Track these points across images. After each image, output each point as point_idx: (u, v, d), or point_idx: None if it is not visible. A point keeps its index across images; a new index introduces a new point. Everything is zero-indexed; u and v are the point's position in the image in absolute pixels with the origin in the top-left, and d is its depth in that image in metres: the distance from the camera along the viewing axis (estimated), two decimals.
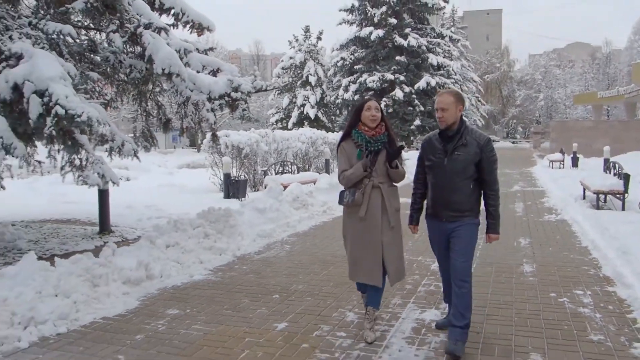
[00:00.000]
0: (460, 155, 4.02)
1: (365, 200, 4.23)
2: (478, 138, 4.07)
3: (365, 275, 4.25)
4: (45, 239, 8.59)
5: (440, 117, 4.06)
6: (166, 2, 8.78)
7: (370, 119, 4.23)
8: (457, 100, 4.06)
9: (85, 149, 6.39)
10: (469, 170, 4.03)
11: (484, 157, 4.04)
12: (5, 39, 6.26)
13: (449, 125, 4.07)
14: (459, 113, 4.07)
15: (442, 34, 38.12)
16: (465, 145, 4.03)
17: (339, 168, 4.37)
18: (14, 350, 4.14)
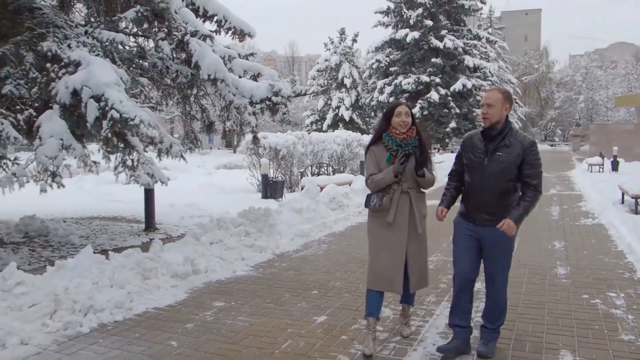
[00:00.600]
0: (502, 156, 3.83)
1: (393, 205, 4.14)
2: (522, 140, 3.87)
3: (386, 283, 4.15)
4: (95, 234, 9.07)
5: (485, 113, 3.87)
6: (210, 9, 9.15)
7: (400, 125, 4.14)
8: (505, 98, 3.87)
9: (136, 150, 6.79)
10: (510, 172, 3.83)
11: (526, 160, 3.81)
12: (64, 47, 6.69)
13: (493, 124, 3.88)
14: (504, 112, 3.87)
15: (478, 36, 37.88)
16: (508, 147, 3.84)
17: (367, 172, 4.27)
18: (77, 334, 4.51)
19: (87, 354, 4.12)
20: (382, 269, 4.15)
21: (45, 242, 8.42)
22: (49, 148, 5.98)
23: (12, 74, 6.43)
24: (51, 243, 8.38)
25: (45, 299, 4.86)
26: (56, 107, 6.30)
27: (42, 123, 6.21)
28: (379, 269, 4.17)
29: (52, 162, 5.97)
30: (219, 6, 9.26)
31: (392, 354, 4.09)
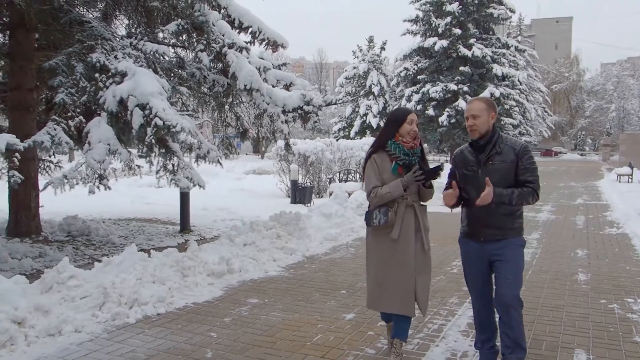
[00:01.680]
0: (496, 165, 3.66)
1: (398, 220, 3.86)
2: (514, 145, 3.70)
3: (397, 304, 3.88)
4: (133, 235, 9.53)
5: (472, 125, 3.71)
6: (245, 22, 9.60)
7: (410, 133, 3.91)
8: (489, 106, 3.74)
9: (177, 156, 7.22)
10: (506, 180, 3.64)
11: (521, 165, 3.64)
12: (111, 58, 7.16)
13: (482, 135, 3.71)
14: (491, 121, 3.72)
15: (507, 44, 37.83)
16: (500, 154, 3.67)
17: (369, 184, 3.94)
18: (124, 324, 4.90)
19: (134, 342, 4.50)
20: (389, 289, 3.89)
21: (88, 241, 8.91)
22: (98, 152, 6.43)
23: (64, 83, 6.93)
24: (93, 242, 8.87)
25: (95, 291, 5.28)
26: (104, 114, 6.76)
27: (91, 129, 6.67)
28: (386, 289, 3.90)
29: (100, 166, 6.42)
30: (254, 18, 9.69)
31: (415, 348, 4.39)
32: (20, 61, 9.00)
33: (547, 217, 12.16)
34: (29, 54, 9.06)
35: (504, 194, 3.59)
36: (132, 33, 9.00)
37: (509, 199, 3.61)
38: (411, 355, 4.25)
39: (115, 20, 9.99)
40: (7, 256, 7.35)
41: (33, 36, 9.18)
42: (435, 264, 7.24)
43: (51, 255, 7.75)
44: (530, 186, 3.64)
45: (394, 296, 3.88)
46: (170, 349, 4.34)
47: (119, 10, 9.61)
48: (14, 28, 9.05)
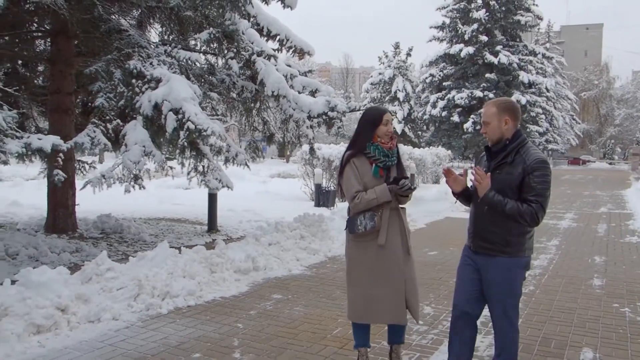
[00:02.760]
0: (500, 175, 3.32)
1: (384, 225, 3.69)
2: (527, 157, 3.29)
3: (389, 314, 3.71)
4: (163, 233, 9.95)
5: (484, 132, 3.48)
6: (273, 30, 9.97)
7: (386, 134, 3.78)
8: (501, 111, 3.38)
9: (207, 158, 7.59)
10: (509, 194, 3.28)
11: (526, 181, 3.26)
12: (147, 65, 7.56)
13: (494, 141, 3.43)
14: (505, 126, 3.37)
15: (534, 51, 37.73)
16: (510, 165, 3.32)
17: (350, 188, 3.74)
18: (157, 314, 5.27)
19: (167, 330, 4.86)
20: (379, 299, 3.69)
21: (120, 239, 9.35)
22: (134, 154, 6.83)
23: (103, 88, 7.35)
24: (125, 239, 9.30)
25: (130, 283, 5.66)
26: (139, 118, 7.16)
27: (128, 132, 7.07)
28: (375, 300, 3.70)
29: (136, 166, 6.81)
30: (282, 27, 10.07)
31: (429, 343, 4.66)
32: (61, 66, 9.46)
33: (569, 225, 12.26)
34: (69, 59, 9.53)
35: (495, 199, 3.25)
36: (166, 40, 9.43)
37: (500, 207, 3.24)
38: (425, 348, 4.53)
39: (149, 28, 10.46)
40: (47, 250, 7.81)
41: (72, 43, 9.66)
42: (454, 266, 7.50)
43: (87, 251, 8.18)
44: (531, 206, 3.22)
45: (385, 306, 3.67)
46: (200, 337, 4.69)
47: (152, 18, 10.07)
48: (55, 35, 9.53)
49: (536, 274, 7.26)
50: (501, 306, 3.39)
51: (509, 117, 3.39)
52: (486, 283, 3.42)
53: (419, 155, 19.91)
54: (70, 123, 9.60)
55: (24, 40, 10.57)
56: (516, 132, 3.41)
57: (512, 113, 3.41)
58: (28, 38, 10.64)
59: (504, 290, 3.38)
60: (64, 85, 9.51)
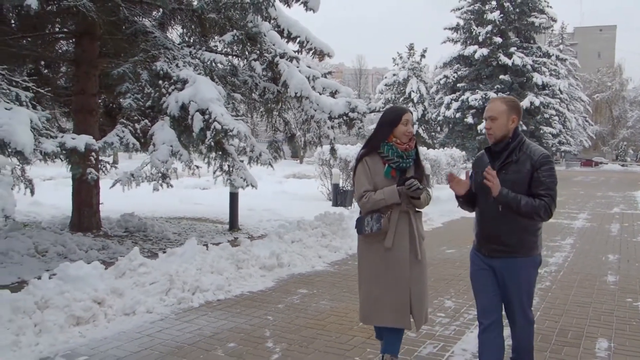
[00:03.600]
0: (508, 175, 3.27)
1: (391, 227, 3.60)
2: (532, 154, 3.28)
3: (391, 317, 3.62)
4: (186, 232, 10.14)
5: (489, 128, 3.37)
6: (293, 32, 10.14)
7: (405, 134, 3.67)
8: (510, 108, 3.34)
9: (232, 157, 7.77)
10: (518, 191, 3.24)
11: (536, 177, 3.24)
12: (173, 66, 7.76)
13: (497, 139, 3.36)
14: (511, 125, 3.33)
15: (548, 53, 37.64)
16: (516, 163, 3.29)
17: (360, 187, 3.68)
18: (189, 308, 5.44)
19: (200, 322, 5.03)
20: (383, 302, 3.63)
21: (145, 237, 9.55)
22: (162, 153, 7.02)
23: (131, 89, 7.55)
24: (149, 237, 9.50)
25: (162, 278, 5.84)
26: (167, 118, 7.36)
27: (155, 132, 7.27)
28: (379, 302, 3.64)
29: (164, 165, 7.00)
30: (302, 29, 10.23)
31: (452, 333, 4.82)
32: (85, 67, 9.66)
33: (582, 225, 12.32)
34: (93, 61, 9.75)
35: (510, 196, 3.20)
36: (187, 42, 9.64)
37: (515, 204, 3.20)
38: (448, 339, 4.68)
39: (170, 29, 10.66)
40: (75, 247, 8.02)
41: (96, 44, 9.88)
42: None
43: (113, 248, 8.38)
44: (543, 200, 3.20)
45: (388, 309, 3.61)
46: (233, 329, 4.86)
47: (174, 19, 10.27)
48: (80, 36, 9.75)
49: (552, 270, 7.38)
50: (521, 306, 3.37)
51: (516, 116, 3.36)
52: (505, 286, 3.36)
53: (434, 156, 20.01)
54: (95, 123, 9.81)
55: (47, 41, 10.80)
56: (516, 129, 3.38)
57: (519, 112, 3.40)
58: (50, 39, 10.87)
59: (524, 290, 3.35)
60: (89, 86, 9.72)
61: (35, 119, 5.61)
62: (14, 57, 9.37)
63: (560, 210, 15.43)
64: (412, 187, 3.51)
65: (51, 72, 11.56)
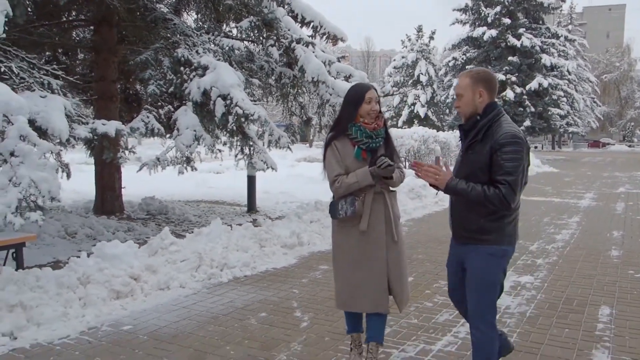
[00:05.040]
0: (471, 156, 3.05)
1: (366, 210, 3.46)
2: (495, 132, 2.96)
3: (369, 302, 3.49)
4: (205, 214, 10.48)
5: (457, 106, 3.14)
6: (307, 17, 10.35)
7: (370, 113, 3.46)
8: (475, 81, 3.04)
9: (253, 141, 8.06)
10: (480, 175, 2.97)
11: (494, 160, 2.93)
12: (193, 53, 8.03)
13: (467, 117, 3.11)
14: (479, 100, 3.03)
15: (557, 34, 37.47)
16: (480, 143, 3.01)
17: (331, 172, 3.50)
18: (219, 283, 5.78)
19: (231, 295, 5.37)
20: (362, 287, 3.50)
21: (167, 219, 9.89)
22: (186, 138, 7.32)
23: (153, 75, 7.83)
24: (171, 220, 9.84)
25: (191, 256, 6.17)
26: (189, 103, 7.64)
27: (179, 117, 7.56)
28: (358, 287, 3.50)
29: (188, 150, 7.30)
30: (315, 13, 10.44)
31: None
32: (105, 54, 9.90)
33: (588, 204, 12.58)
34: (113, 48, 10.00)
35: (459, 187, 3.00)
36: (201, 27, 9.87)
37: (465, 195, 2.99)
38: None
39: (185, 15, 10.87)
40: (103, 229, 8.37)
41: (115, 31, 10.12)
42: None
43: (139, 230, 8.72)
44: (499, 187, 2.89)
45: (366, 294, 3.48)
46: (262, 300, 5.19)
47: (188, 5, 10.50)
48: (98, 24, 9.97)
49: (559, 246, 7.70)
50: (475, 299, 3.09)
51: (483, 89, 3.03)
52: (467, 272, 3.13)
53: (444, 138, 20.27)
54: (115, 109, 10.08)
55: (64, 29, 11.01)
56: (488, 105, 3.04)
57: (487, 84, 3.05)
58: (68, 27, 11.09)
59: (479, 281, 3.06)
60: (108, 73, 9.97)
61: (68, 105, 5.91)
62: (34, 45, 9.62)
63: (568, 190, 15.69)
64: (382, 164, 3.34)
65: (69, 60, 11.82)
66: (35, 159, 4.45)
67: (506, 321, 4.63)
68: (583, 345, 4.10)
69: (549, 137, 58.40)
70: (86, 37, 11.30)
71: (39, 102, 5.60)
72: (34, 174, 4.37)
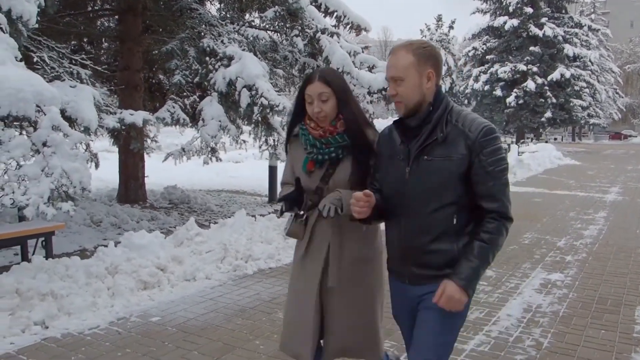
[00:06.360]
0: (434, 163, 2.15)
1: (307, 233, 2.58)
2: (469, 127, 2.12)
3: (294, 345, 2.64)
4: (227, 204, 10.51)
5: (394, 95, 2.19)
6: (331, 6, 10.26)
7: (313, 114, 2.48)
8: (423, 60, 2.14)
9: (277, 132, 8.03)
10: (449, 189, 2.14)
11: (477, 164, 2.11)
12: (219, 43, 8.00)
13: (411, 109, 2.18)
14: (428, 84, 2.16)
15: (580, 23, 36.85)
16: (444, 143, 2.14)
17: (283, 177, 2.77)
18: (244, 275, 5.78)
19: (257, 288, 5.37)
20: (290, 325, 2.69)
21: (189, 208, 9.93)
22: (211, 128, 7.32)
23: (179, 65, 7.83)
24: (194, 209, 9.88)
25: (217, 247, 6.17)
26: (214, 94, 7.63)
27: (204, 107, 7.55)
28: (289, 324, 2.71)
29: (213, 140, 7.29)
30: (339, 2, 10.34)
31: (495, 300, 5.07)
32: (129, 44, 9.93)
33: (614, 198, 12.40)
34: (137, 37, 10.02)
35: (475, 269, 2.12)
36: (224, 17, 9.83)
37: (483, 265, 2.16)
38: (493, 305, 4.94)
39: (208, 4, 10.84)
40: (127, 218, 8.43)
41: (139, 21, 10.13)
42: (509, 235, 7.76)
43: (162, 219, 8.76)
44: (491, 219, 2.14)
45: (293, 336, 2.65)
46: None
47: None
48: (123, 13, 10.00)
49: (587, 243, 7.57)
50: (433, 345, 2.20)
51: (432, 70, 2.16)
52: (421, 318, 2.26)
53: None
54: (139, 99, 10.12)
55: (89, 18, 11.08)
56: (438, 92, 2.21)
57: (437, 64, 2.19)
58: (93, 16, 11.15)
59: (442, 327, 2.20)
60: (133, 63, 10.00)
61: (97, 95, 5.93)
62: (60, 34, 9.67)
63: (591, 184, 15.48)
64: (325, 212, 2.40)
65: (94, 49, 11.88)
66: (67, 149, 4.46)
67: (539, 320, 4.57)
68: (621, 348, 4.02)
69: (568, 128, 57.67)
70: (111, 27, 11.36)
71: (69, 92, 5.62)
72: (66, 164, 4.39)
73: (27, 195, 4.19)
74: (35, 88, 4.19)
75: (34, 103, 4.20)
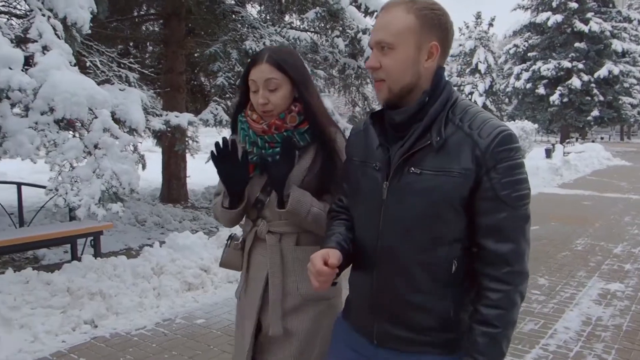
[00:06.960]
0: (424, 178, 1.43)
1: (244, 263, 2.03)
2: (478, 130, 1.41)
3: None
4: None
5: (375, 67, 1.48)
6: (371, 6, 10.17)
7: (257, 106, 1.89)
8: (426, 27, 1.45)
9: None
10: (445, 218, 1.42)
11: (487, 186, 1.39)
12: (260, 45, 8.03)
13: (396, 94, 1.48)
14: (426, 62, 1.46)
15: (629, 17, 35.65)
16: (442, 150, 1.42)
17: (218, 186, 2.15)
18: None
19: None
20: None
21: None
22: None
23: (222, 68, 7.90)
24: None
25: None
26: None
27: None
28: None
29: None
30: (379, 3, 10.25)
31: (551, 311, 4.92)
32: (173, 47, 10.09)
33: None
34: (181, 41, 10.17)
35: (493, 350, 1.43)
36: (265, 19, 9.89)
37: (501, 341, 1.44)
38: (548, 316, 4.79)
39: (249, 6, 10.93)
40: (170, 218, 8.56)
41: (183, 25, 10.28)
42: (560, 241, 7.63)
43: (204, 219, 8.87)
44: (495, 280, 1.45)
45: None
46: None
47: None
48: (167, 17, 10.17)
49: None
50: None
51: (438, 43, 1.47)
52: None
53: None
54: (182, 100, 10.27)
55: (135, 23, 11.33)
56: (439, 77, 1.50)
57: (446, 37, 1.50)
58: (139, 21, 11.40)
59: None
60: (176, 65, 10.15)
61: (144, 98, 6.03)
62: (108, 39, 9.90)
63: None
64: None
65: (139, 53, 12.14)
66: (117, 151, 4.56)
67: (600, 335, 4.37)
68: None
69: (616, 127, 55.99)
70: (155, 31, 11.60)
71: (119, 95, 5.74)
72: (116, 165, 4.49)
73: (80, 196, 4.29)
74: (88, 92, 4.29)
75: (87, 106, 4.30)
